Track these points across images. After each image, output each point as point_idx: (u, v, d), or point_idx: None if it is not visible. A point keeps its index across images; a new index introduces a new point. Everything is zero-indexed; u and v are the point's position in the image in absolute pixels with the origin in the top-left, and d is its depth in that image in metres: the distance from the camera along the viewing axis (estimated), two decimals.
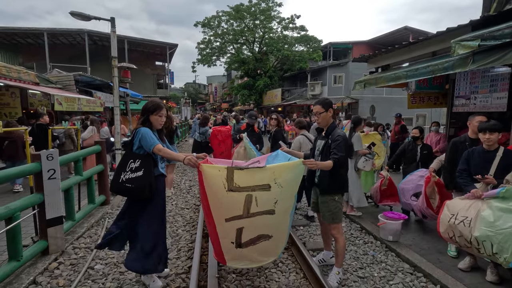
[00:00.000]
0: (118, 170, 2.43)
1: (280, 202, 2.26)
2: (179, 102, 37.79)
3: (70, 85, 9.64)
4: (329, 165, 2.51)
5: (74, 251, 3.29)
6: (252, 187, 2.17)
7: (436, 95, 6.71)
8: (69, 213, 3.68)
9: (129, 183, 2.36)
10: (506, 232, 2.35)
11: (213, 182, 2.16)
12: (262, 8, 23.03)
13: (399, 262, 3.26)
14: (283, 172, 2.23)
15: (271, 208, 2.25)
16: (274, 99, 24.47)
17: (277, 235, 2.39)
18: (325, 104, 2.76)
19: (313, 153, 2.94)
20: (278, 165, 2.29)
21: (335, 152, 2.57)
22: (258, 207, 2.21)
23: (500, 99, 4.67)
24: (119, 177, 2.39)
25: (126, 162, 2.40)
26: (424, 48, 5.00)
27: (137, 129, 2.43)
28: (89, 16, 5.48)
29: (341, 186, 2.79)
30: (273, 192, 2.21)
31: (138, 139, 2.40)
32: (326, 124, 2.81)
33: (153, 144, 2.36)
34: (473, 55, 3.48)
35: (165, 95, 23.48)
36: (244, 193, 2.17)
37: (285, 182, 2.23)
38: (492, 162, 2.90)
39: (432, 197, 3.83)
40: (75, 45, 19.58)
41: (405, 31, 20.10)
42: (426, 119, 18.42)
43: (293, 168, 2.29)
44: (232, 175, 2.14)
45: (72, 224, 3.69)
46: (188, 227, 4.20)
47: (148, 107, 2.49)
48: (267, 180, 2.19)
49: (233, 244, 2.30)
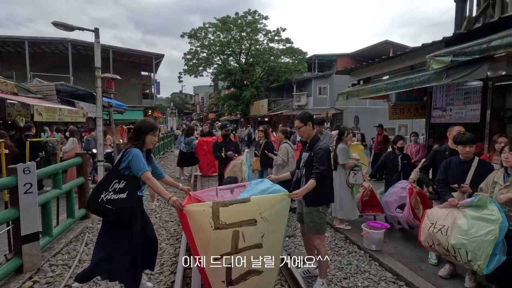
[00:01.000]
0: (99, 188, 2.29)
1: (267, 236, 2.26)
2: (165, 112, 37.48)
3: (51, 95, 9.39)
4: (312, 185, 2.55)
5: (50, 268, 3.15)
6: (238, 222, 2.18)
7: (416, 106, 6.98)
8: (46, 228, 3.53)
9: (110, 204, 2.24)
10: (479, 240, 2.43)
11: (199, 222, 2.16)
12: (248, 21, 23.43)
13: (382, 271, 3.30)
14: (269, 206, 2.25)
15: (258, 242, 2.25)
16: (260, 109, 24.67)
17: (267, 269, 2.37)
18: (304, 118, 2.81)
19: (298, 164, 2.98)
20: (263, 198, 2.28)
21: (317, 166, 2.62)
22: (246, 242, 2.21)
23: (473, 111, 4.91)
24: (99, 196, 2.24)
25: (110, 181, 2.27)
26: (402, 62, 5.23)
27: (129, 149, 2.31)
28: (72, 27, 5.42)
29: (325, 197, 2.82)
30: (260, 227, 2.22)
31: (127, 160, 2.29)
32: (308, 137, 2.85)
33: (142, 170, 2.26)
34: (446, 70, 3.67)
35: (150, 105, 23.22)
36: (231, 229, 2.17)
37: (270, 216, 2.24)
38: (468, 172, 3.03)
39: (416, 208, 3.92)
40: (57, 54, 19.18)
41: (386, 45, 20.88)
42: (407, 129, 19.00)
43: (279, 201, 2.29)
44: (217, 213, 2.15)
45: (49, 240, 3.54)
46: (172, 240, 4.11)
47: (144, 127, 2.40)
48: (253, 214, 2.20)
49: (224, 283, 2.27)
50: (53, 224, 3.70)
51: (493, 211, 2.44)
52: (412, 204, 3.86)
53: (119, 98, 15.92)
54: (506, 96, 5.01)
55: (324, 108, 19.77)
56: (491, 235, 2.39)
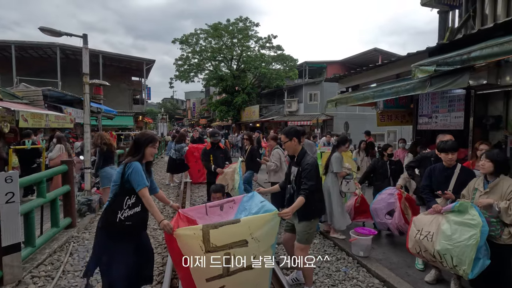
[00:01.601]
0: (112, 209, 2.27)
1: (258, 256, 2.26)
2: (155, 118, 37.14)
3: (38, 100, 9.22)
4: (301, 203, 2.56)
5: (32, 280, 3.05)
6: (229, 244, 2.17)
7: (403, 113, 7.13)
8: (29, 238, 3.43)
9: (129, 220, 2.29)
10: (462, 245, 2.48)
11: (190, 246, 2.15)
12: (239, 28, 23.64)
13: (370, 278, 3.32)
14: (259, 226, 2.25)
15: (250, 263, 2.25)
16: (252, 115, 24.77)
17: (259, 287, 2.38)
18: (289, 134, 2.82)
19: (288, 178, 2.99)
20: (253, 219, 2.29)
21: (305, 182, 2.64)
22: (238, 264, 2.20)
23: (457, 118, 5.06)
24: (116, 217, 2.25)
25: (122, 199, 2.28)
26: (389, 70, 5.36)
27: (129, 163, 2.31)
28: (60, 32, 5.37)
29: (318, 210, 2.85)
30: (251, 248, 2.22)
31: (127, 174, 2.29)
32: (294, 151, 2.87)
33: (141, 186, 2.27)
34: (430, 78, 3.78)
35: (141, 111, 23.00)
36: (222, 252, 2.16)
37: (261, 236, 2.25)
38: (451, 178, 3.10)
39: (406, 213, 3.98)
40: (45, 59, 18.88)
41: (375, 52, 21.37)
42: (396, 135, 19.36)
43: (269, 221, 2.31)
44: (208, 236, 2.13)
45: (32, 251, 3.44)
46: (160, 249, 4.05)
47: (143, 139, 2.42)
48: (244, 235, 2.20)
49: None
50: (36, 233, 3.60)
51: (474, 216, 2.50)
52: (402, 209, 3.92)
53: (109, 103, 15.72)
54: (488, 104, 5.18)
55: (314, 115, 19.98)
56: (473, 239, 2.44)
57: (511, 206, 2.43)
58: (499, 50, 2.78)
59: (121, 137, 15.47)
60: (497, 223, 2.53)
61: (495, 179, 2.62)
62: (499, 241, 2.53)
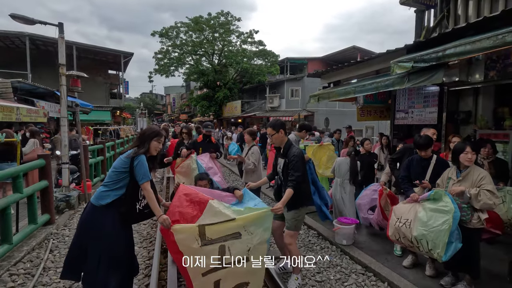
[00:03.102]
0: (130, 201, 2.32)
1: (253, 249, 2.32)
2: (134, 113, 36.07)
3: (7, 93, 8.66)
4: (290, 194, 2.67)
5: (11, 278, 2.93)
6: (224, 237, 2.25)
7: (381, 109, 7.41)
8: (5, 235, 3.28)
9: (147, 208, 2.41)
10: (437, 230, 2.67)
11: (186, 240, 2.22)
12: (221, 22, 23.34)
13: (353, 264, 3.48)
14: (253, 222, 2.33)
15: (245, 255, 2.30)
16: (234, 110, 24.65)
17: (254, 281, 2.44)
18: (276, 126, 2.93)
19: (275, 169, 3.06)
20: (248, 217, 2.35)
21: (292, 174, 2.73)
22: (232, 256, 2.26)
23: (431, 113, 5.34)
24: (135, 208, 2.35)
25: (137, 191, 2.36)
26: (369, 66, 5.55)
27: (137, 156, 2.31)
28: (33, 20, 5.08)
29: (305, 199, 2.95)
30: (244, 240, 2.28)
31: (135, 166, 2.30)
32: (281, 143, 2.96)
33: (145, 179, 2.31)
34: (408, 74, 3.97)
35: (119, 105, 22.24)
36: (217, 244, 2.23)
37: (255, 231, 2.33)
38: (427, 169, 3.29)
39: (386, 209, 4.15)
40: (13, 49, 17.71)
41: (354, 50, 21.91)
42: (374, 130, 20.04)
43: (263, 218, 2.39)
44: (204, 231, 2.21)
45: (9, 248, 3.29)
46: (145, 243, 4.00)
47: (149, 133, 2.45)
48: (237, 228, 2.28)
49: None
50: (12, 231, 3.44)
51: (447, 203, 2.69)
52: (381, 205, 4.08)
53: (84, 97, 15.05)
54: (459, 100, 5.52)
55: (296, 110, 20.22)
56: (446, 224, 2.63)
57: (480, 192, 2.63)
58: (471, 48, 2.97)
59: (98, 132, 14.90)
60: (468, 209, 2.73)
61: (467, 168, 2.82)
62: (469, 225, 2.74)
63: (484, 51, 2.93)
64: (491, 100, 5.18)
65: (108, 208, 2.26)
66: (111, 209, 2.26)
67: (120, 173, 2.30)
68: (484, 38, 2.86)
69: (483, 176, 2.68)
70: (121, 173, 2.30)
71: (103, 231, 2.24)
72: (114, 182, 2.29)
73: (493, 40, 2.77)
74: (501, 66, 3.99)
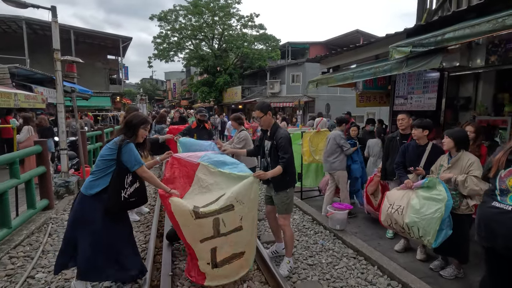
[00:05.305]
0: (115, 189, 2.30)
1: (245, 217, 2.49)
2: (134, 98, 35.87)
3: (5, 79, 8.59)
4: (279, 171, 2.76)
5: (10, 260, 3.02)
6: (218, 210, 2.38)
7: (381, 94, 7.31)
8: (4, 220, 3.35)
9: (133, 197, 2.42)
10: (428, 218, 2.70)
11: (181, 213, 2.35)
12: (221, 5, 22.78)
13: (345, 249, 3.54)
14: (242, 192, 2.47)
15: (238, 225, 2.47)
16: (234, 96, 24.45)
17: (248, 249, 2.61)
18: (263, 108, 2.94)
19: (263, 152, 3.09)
20: (236, 188, 2.48)
21: (282, 155, 2.79)
22: (226, 227, 2.42)
23: (430, 99, 5.27)
24: (120, 196, 2.32)
25: (123, 179, 2.34)
26: (368, 51, 5.44)
27: (126, 144, 2.30)
28: (25, 3, 4.97)
29: (292, 180, 2.98)
30: (237, 211, 2.44)
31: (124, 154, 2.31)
32: (268, 125, 2.98)
33: (138, 164, 2.33)
34: (406, 59, 3.89)
35: (119, 91, 22.12)
36: (211, 217, 2.36)
37: (245, 199, 2.48)
38: (422, 155, 3.28)
39: (376, 196, 4.18)
40: (10, 34, 17.46)
41: (357, 34, 21.40)
42: (375, 116, 19.89)
43: (250, 185, 2.54)
44: (197, 210, 2.35)
45: (8, 232, 3.37)
46: (142, 227, 4.08)
47: (136, 121, 2.45)
48: (230, 201, 2.41)
49: (209, 265, 2.45)
50: (12, 216, 3.51)
51: (441, 191, 2.70)
52: (367, 192, 4.13)
53: (84, 83, 14.95)
54: (459, 86, 5.42)
55: (297, 96, 20.03)
56: (438, 212, 2.65)
57: (467, 179, 2.63)
58: (470, 32, 2.88)
59: (98, 118, 14.90)
60: (457, 195, 2.75)
61: (457, 154, 2.81)
62: (458, 211, 2.76)
63: (484, 35, 2.85)
64: (492, 86, 5.09)
65: (98, 197, 2.27)
66: (101, 198, 2.27)
67: (107, 161, 2.30)
68: (483, 22, 2.77)
69: (471, 162, 2.68)
70: (108, 161, 2.30)
71: (93, 220, 2.26)
72: (102, 170, 2.30)
73: (492, 24, 2.69)
74: (503, 50, 3.89)
